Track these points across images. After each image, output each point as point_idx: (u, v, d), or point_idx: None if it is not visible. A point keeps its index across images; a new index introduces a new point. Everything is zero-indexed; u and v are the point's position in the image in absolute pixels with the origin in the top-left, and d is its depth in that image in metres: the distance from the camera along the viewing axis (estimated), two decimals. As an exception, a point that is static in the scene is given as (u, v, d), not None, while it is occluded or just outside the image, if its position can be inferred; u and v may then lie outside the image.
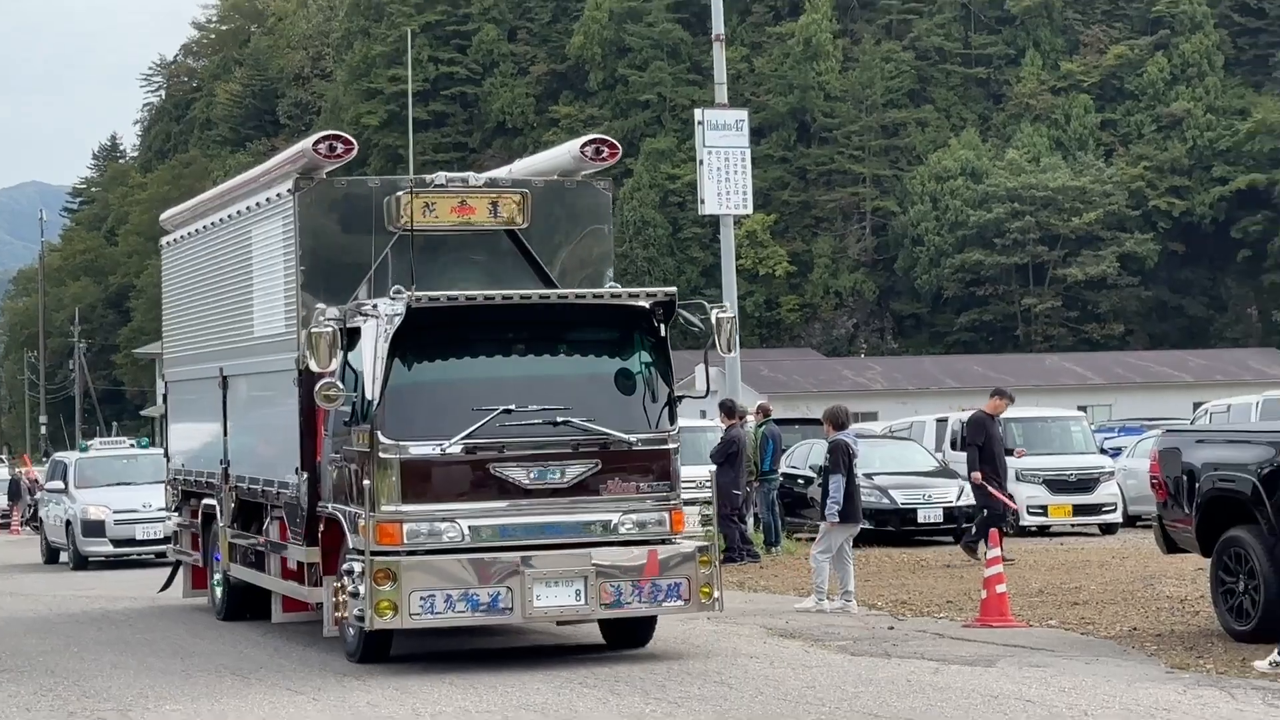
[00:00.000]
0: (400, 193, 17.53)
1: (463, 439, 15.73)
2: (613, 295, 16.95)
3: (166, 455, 25.02)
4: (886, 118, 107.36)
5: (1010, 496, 26.49)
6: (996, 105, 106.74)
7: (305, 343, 16.08)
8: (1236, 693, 14.84)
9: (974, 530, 26.88)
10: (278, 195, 18.44)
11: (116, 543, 31.58)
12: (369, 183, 18.65)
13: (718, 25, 32.77)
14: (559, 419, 16.17)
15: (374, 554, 15.43)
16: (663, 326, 16.91)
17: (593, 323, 17.30)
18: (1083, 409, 37.63)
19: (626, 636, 17.46)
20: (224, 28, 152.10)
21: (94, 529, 31.53)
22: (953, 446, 34.47)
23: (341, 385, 15.81)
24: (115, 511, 31.67)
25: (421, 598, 15.49)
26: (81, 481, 33.47)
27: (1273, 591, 16.88)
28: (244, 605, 21.17)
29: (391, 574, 15.33)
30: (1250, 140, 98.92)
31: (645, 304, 16.98)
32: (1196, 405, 39.04)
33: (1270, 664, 15.51)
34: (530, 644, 18.21)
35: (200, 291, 22.84)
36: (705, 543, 17.05)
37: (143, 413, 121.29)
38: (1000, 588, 19.19)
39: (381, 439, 15.61)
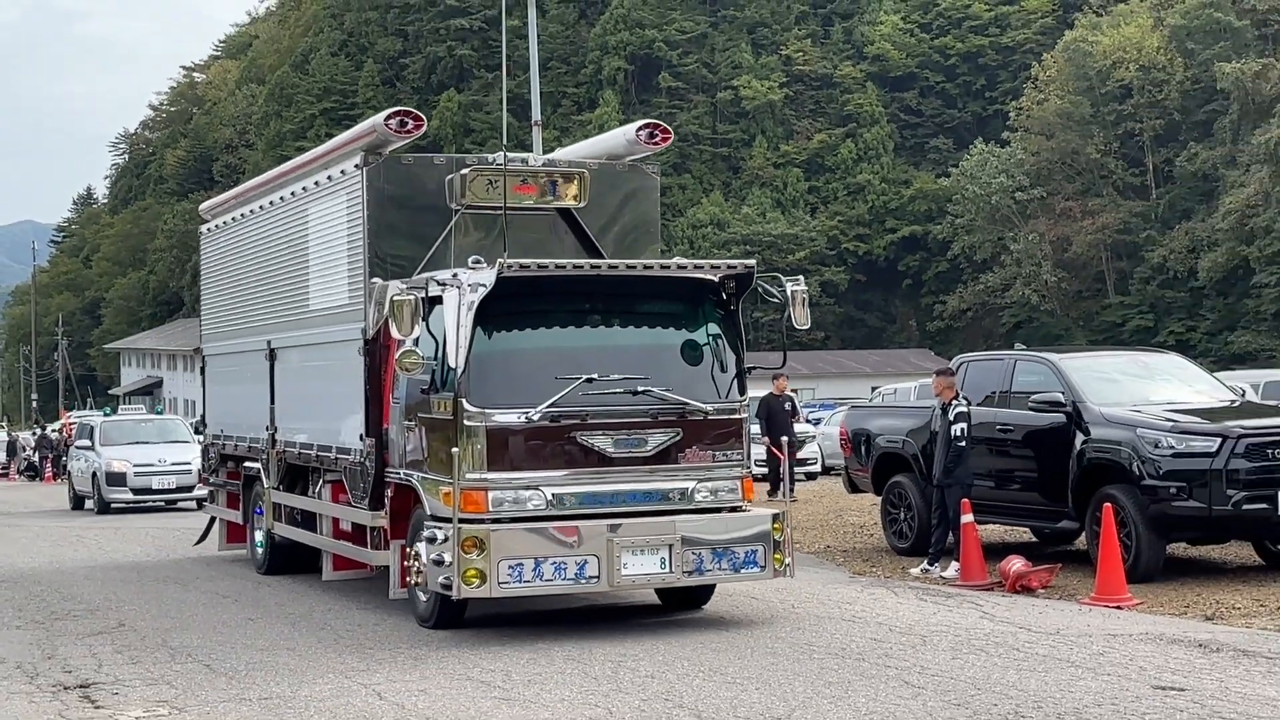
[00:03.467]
0: (465, 170, 14.46)
1: (548, 407, 12.71)
2: (695, 267, 13.70)
3: (204, 422, 21.97)
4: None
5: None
6: (735, 175, 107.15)
7: (387, 311, 13.02)
8: (898, 591, 15.76)
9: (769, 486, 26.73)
10: (341, 172, 15.35)
11: (136, 491, 30.19)
12: (435, 160, 15.40)
13: (535, 114, 32.65)
14: (639, 388, 13.10)
15: (462, 521, 12.41)
16: (735, 299, 13.80)
17: (669, 294, 14.02)
18: (794, 391, 38.16)
19: (684, 599, 14.41)
20: (172, 109, 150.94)
21: (117, 479, 30.13)
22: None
23: (421, 353, 12.87)
24: (135, 465, 30.37)
25: (510, 566, 12.41)
26: (105, 440, 31.86)
27: (923, 520, 17.62)
28: (286, 561, 17.93)
29: (480, 542, 12.30)
30: (911, 202, 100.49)
31: (716, 277, 13.75)
32: (873, 389, 39.69)
33: (920, 570, 16.35)
34: (587, 605, 14.78)
35: (246, 271, 19.36)
36: (778, 509, 14.04)
37: (110, 391, 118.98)
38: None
39: (466, 406, 12.60)
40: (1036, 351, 19.33)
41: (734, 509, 13.42)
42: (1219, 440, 15.25)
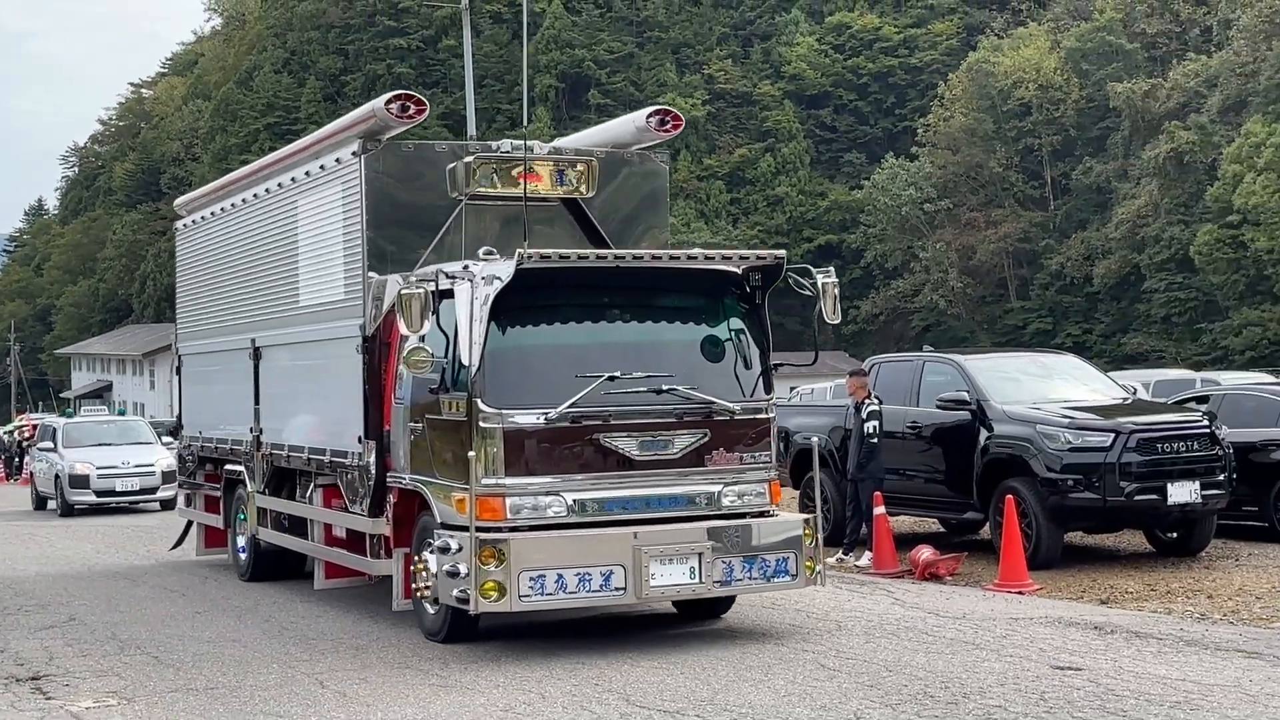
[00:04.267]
0: (468, 159, 12.77)
1: (568, 407, 11.13)
2: (724, 258, 12.22)
3: (180, 423, 19.51)
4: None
5: None
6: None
7: (395, 305, 11.49)
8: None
9: None
10: (336, 161, 13.59)
11: (99, 493, 28.58)
12: (436, 147, 13.59)
13: (470, 128, 32.47)
14: (664, 387, 11.49)
15: (479, 530, 10.85)
16: (760, 292, 12.22)
17: (693, 287, 12.31)
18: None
19: (702, 609, 12.71)
20: (121, 123, 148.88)
21: (80, 482, 28.57)
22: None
23: (430, 350, 11.27)
24: (98, 467, 28.80)
25: (531, 578, 10.82)
26: (68, 442, 30.24)
27: (839, 513, 17.59)
28: (271, 568, 16.12)
29: (499, 552, 10.73)
30: (827, 213, 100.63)
31: (741, 270, 12.16)
32: (792, 389, 39.65)
33: (836, 560, 16.18)
34: (598, 615, 13.11)
35: (228, 267, 17.26)
36: (808, 515, 12.35)
37: (61, 395, 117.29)
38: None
39: (482, 407, 11.04)
40: (944, 353, 19.43)
41: (761, 514, 11.85)
42: (1112, 436, 15.50)
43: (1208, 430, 16.14)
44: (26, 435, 46.30)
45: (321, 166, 14.11)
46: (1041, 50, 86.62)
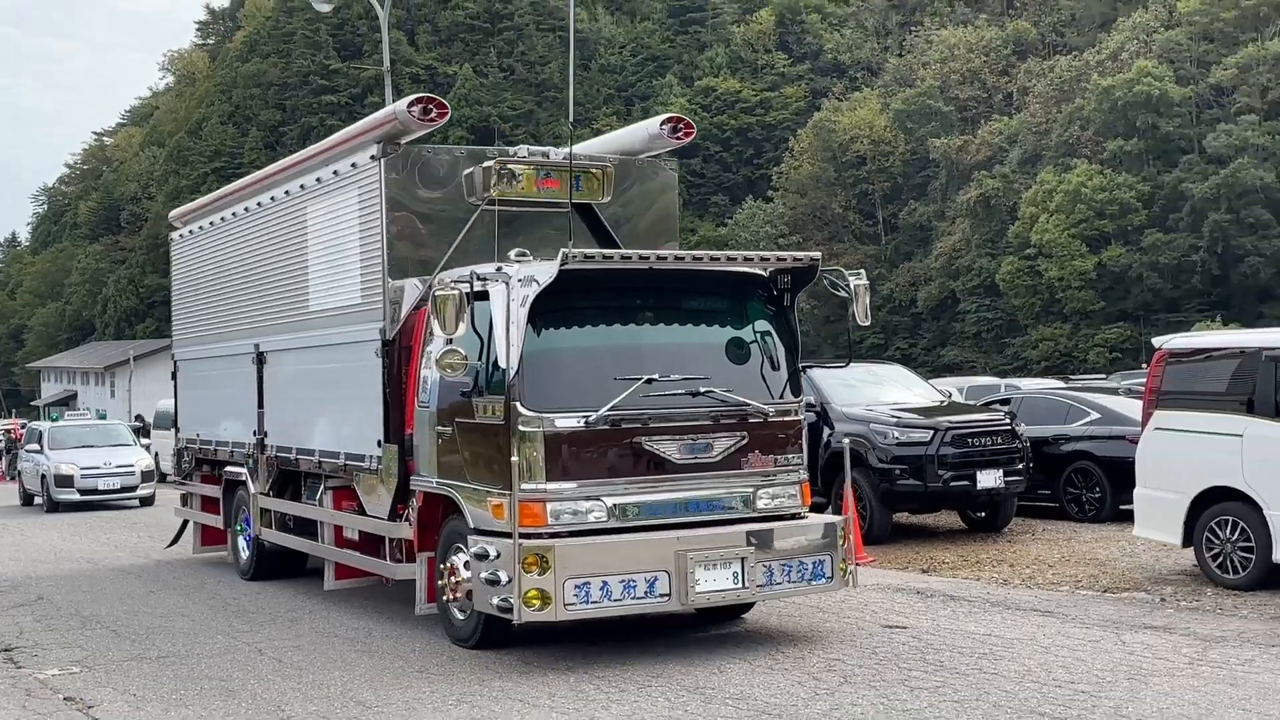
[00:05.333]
0: (487, 163, 11.11)
1: (609, 410, 9.40)
2: (761, 259, 10.43)
3: (176, 427, 17.33)
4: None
5: None
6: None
7: (429, 308, 9.69)
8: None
9: None
10: (352, 166, 11.80)
11: (83, 492, 26.78)
12: (455, 152, 11.77)
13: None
14: (701, 389, 9.79)
15: (523, 537, 9.15)
16: (790, 294, 10.59)
17: (725, 289, 10.55)
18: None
19: (722, 610, 10.86)
20: (85, 167, 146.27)
21: (65, 481, 26.82)
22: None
23: (464, 353, 9.46)
24: (82, 468, 27.01)
25: (576, 586, 9.13)
26: (53, 444, 28.35)
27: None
28: (275, 567, 14.31)
29: (542, 560, 9.06)
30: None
31: (766, 271, 10.53)
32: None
33: None
34: (613, 619, 10.53)
35: (228, 275, 15.21)
36: (840, 517, 10.67)
37: (32, 403, 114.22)
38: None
39: (521, 410, 9.30)
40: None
41: (794, 516, 10.21)
42: (932, 432, 15.88)
43: (1009, 427, 16.54)
44: (14, 438, 45.10)
45: (335, 172, 12.28)
46: (874, 111, 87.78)
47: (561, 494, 9.37)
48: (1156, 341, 13.57)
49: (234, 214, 15.03)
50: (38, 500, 28.54)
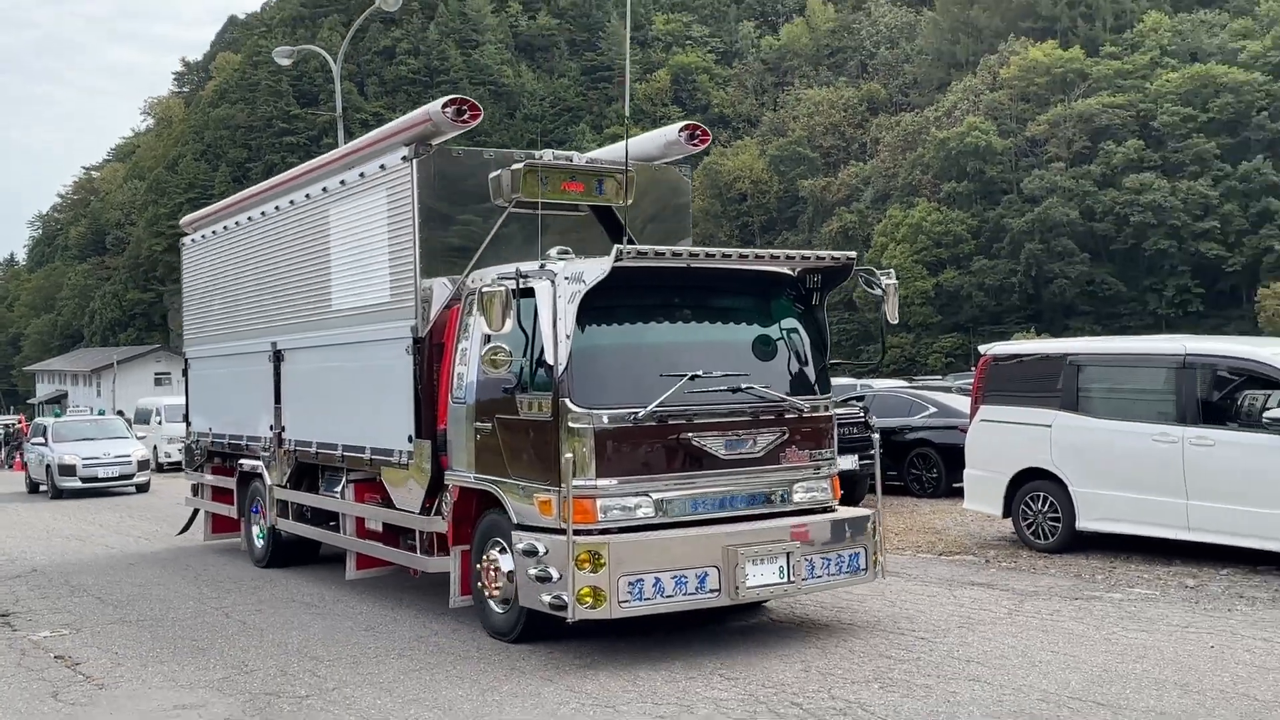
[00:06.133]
0: (517, 165, 9.70)
1: (657, 406, 8.07)
2: (802, 257, 9.03)
3: (187, 421, 15.47)
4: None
5: None
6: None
7: (476, 305, 8.49)
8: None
9: None
10: (380, 167, 10.24)
11: (84, 480, 25.31)
12: (484, 154, 10.21)
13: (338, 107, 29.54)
14: (741, 386, 8.49)
15: (576, 533, 7.79)
16: (820, 293, 9.29)
17: (759, 288, 9.18)
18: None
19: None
20: (75, 197, 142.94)
21: (68, 470, 25.41)
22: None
23: (510, 349, 8.17)
24: (83, 458, 25.58)
25: (630, 582, 7.81)
26: (57, 437, 26.91)
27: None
28: (289, 555, 12.77)
29: (597, 557, 7.74)
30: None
31: (793, 270, 9.20)
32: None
33: None
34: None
35: (243, 277, 13.50)
36: (872, 510, 9.08)
37: (28, 401, 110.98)
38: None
39: (571, 407, 7.96)
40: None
41: (826, 509, 8.87)
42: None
43: (863, 419, 16.63)
44: (21, 430, 43.88)
45: (361, 175, 10.67)
46: (753, 156, 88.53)
47: (611, 490, 7.99)
48: (982, 349, 13.88)
49: (249, 219, 13.36)
50: (43, 488, 27.00)
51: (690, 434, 8.24)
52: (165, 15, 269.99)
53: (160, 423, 33.19)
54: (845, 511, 8.93)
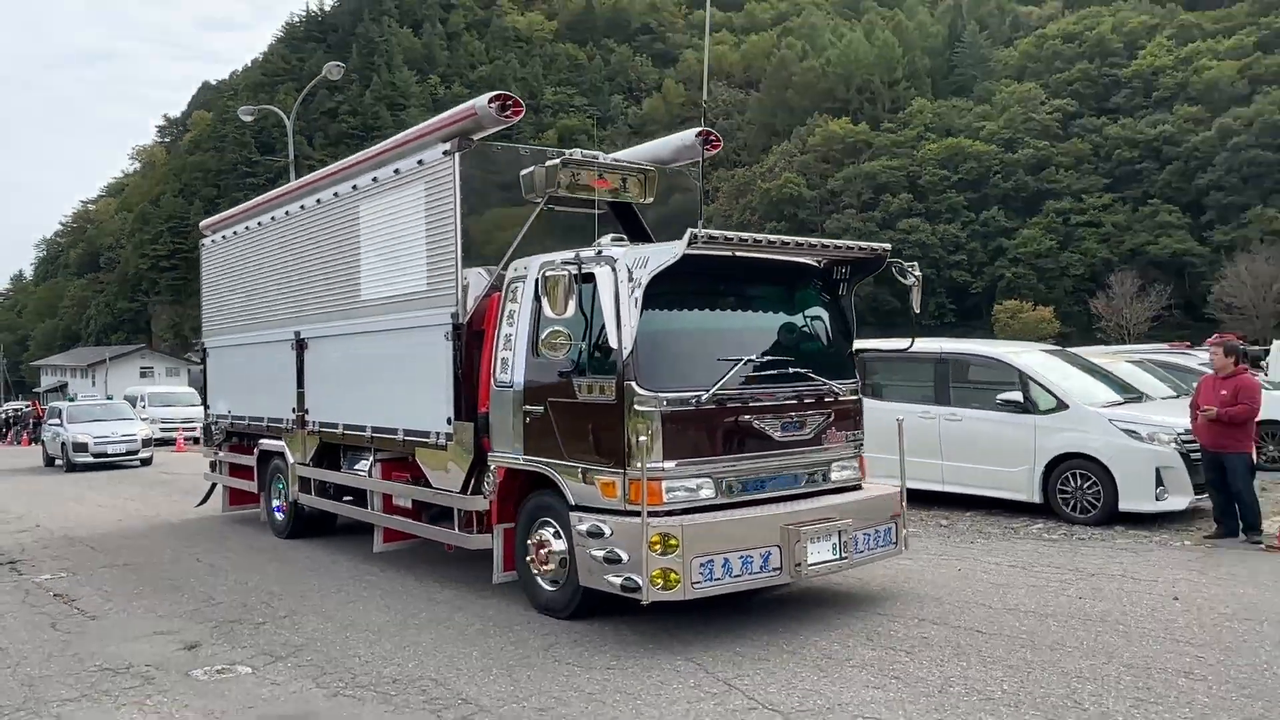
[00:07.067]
0: (552, 161, 8.26)
1: (717, 389, 6.63)
2: (859, 248, 7.54)
3: (206, 405, 13.38)
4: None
5: None
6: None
7: (541, 290, 6.82)
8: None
9: None
10: (419, 163, 8.46)
11: (95, 455, 23.36)
12: (520, 150, 8.63)
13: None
14: (791, 369, 7.07)
15: (651, 515, 6.28)
16: (848, 283, 7.87)
17: (803, 276, 7.67)
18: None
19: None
20: (74, 225, 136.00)
21: (81, 447, 23.51)
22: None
23: (569, 334, 6.69)
24: (95, 436, 23.69)
25: (701, 564, 6.36)
26: (70, 419, 25.02)
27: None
28: (309, 528, 10.88)
29: (670, 538, 6.26)
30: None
31: (815, 263, 7.75)
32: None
33: None
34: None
35: (265, 272, 11.55)
36: (897, 487, 7.52)
37: (34, 390, 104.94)
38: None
39: (638, 390, 6.47)
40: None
41: (856, 487, 7.42)
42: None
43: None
44: (38, 413, 41.53)
45: (396, 170, 8.85)
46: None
47: (675, 472, 6.50)
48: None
49: (273, 218, 11.43)
50: (58, 462, 24.77)
51: (748, 416, 6.78)
52: (150, 81, 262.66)
53: (144, 407, 31.99)
54: (877, 488, 7.54)
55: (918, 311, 8.02)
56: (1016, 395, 10.71)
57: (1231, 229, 67.43)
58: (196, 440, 28.11)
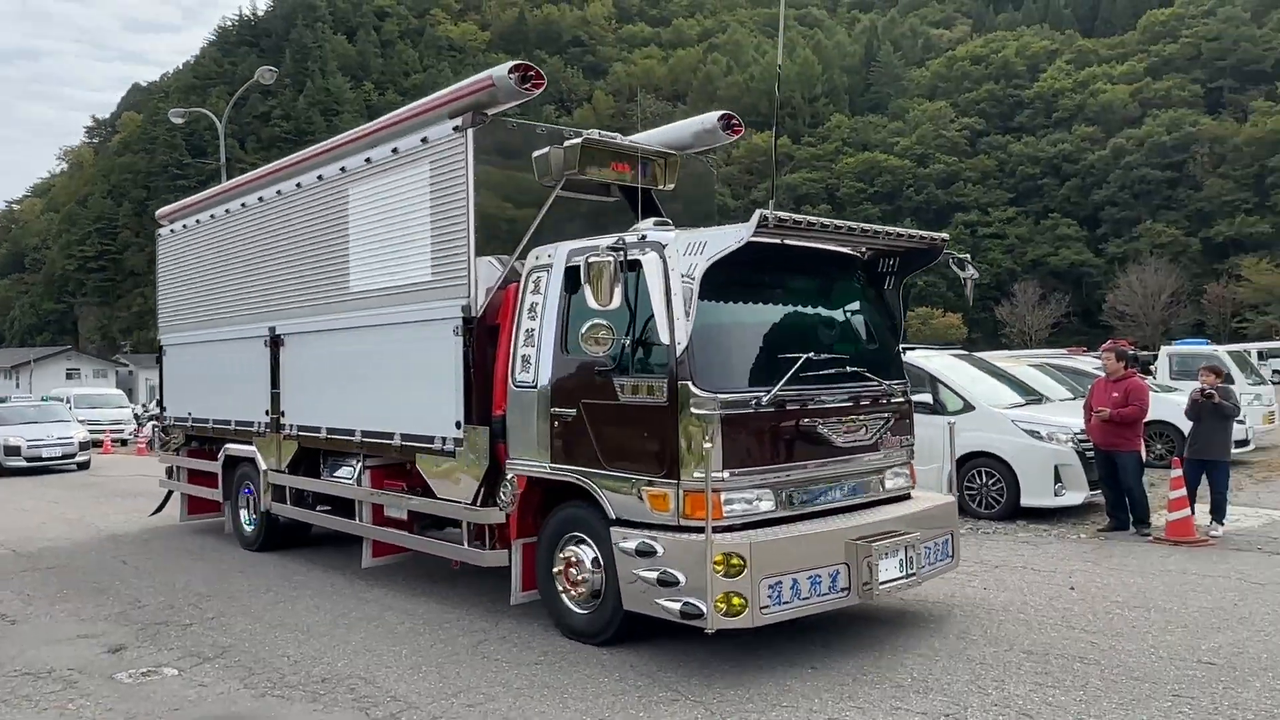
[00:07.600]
0: (572, 141, 7.00)
1: (779, 390, 5.55)
2: (922, 238, 6.36)
3: (161, 407, 11.71)
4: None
5: None
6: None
7: (583, 278, 5.57)
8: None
9: None
10: (422, 141, 7.19)
11: (29, 459, 21.45)
12: (537, 128, 7.25)
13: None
14: (849, 369, 6.02)
15: (716, 531, 5.21)
16: (896, 277, 6.65)
17: (852, 270, 6.58)
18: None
19: None
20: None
21: (14, 451, 21.45)
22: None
23: (612, 327, 5.59)
24: (28, 440, 21.73)
25: (770, 586, 5.25)
26: (2, 421, 22.73)
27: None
28: (282, 539, 9.54)
29: (736, 558, 5.16)
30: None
31: (860, 254, 6.68)
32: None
33: None
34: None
35: (232, 263, 10.04)
36: (952, 496, 6.70)
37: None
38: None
39: (695, 391, 5.35)
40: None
41: (906, 496, 6.45)
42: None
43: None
44: None
45: (394, 150, 7.55)
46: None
47: (733, 482, 5.46)
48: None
49: (243, 205, 9.93)
50: None
51: (810, 420, 5.78)
52: (74, 81, 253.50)
53: (70, 409, 30.74)
54: (930, 497, 6.60)
55: (971, 305, 6.49)
56: (926, 397, 10.71)
57: (1124, 242, 70.46)
58: (124, 443, 27.01)
